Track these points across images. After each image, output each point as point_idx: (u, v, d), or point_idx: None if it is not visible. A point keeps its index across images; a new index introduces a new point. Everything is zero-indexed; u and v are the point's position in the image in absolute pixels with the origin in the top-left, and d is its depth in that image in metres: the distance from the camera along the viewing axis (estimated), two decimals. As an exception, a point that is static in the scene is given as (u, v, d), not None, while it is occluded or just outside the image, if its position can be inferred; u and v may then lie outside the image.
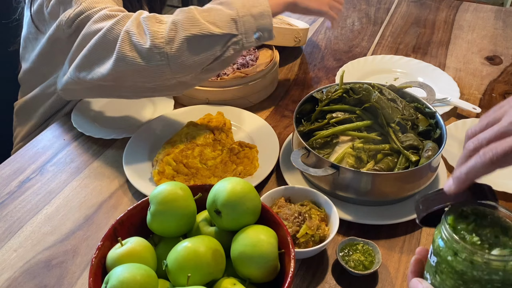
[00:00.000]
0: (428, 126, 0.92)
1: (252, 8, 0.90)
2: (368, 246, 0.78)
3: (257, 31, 0.91)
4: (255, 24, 0.90)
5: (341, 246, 0.78)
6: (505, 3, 2.74)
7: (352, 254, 0.77)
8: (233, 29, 0.89)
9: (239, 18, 0.89)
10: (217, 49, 0.89)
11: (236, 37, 0.89)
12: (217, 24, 0.88)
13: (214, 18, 0.88)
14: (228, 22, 0.89)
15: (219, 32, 0.88)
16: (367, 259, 0.77)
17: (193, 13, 0.88)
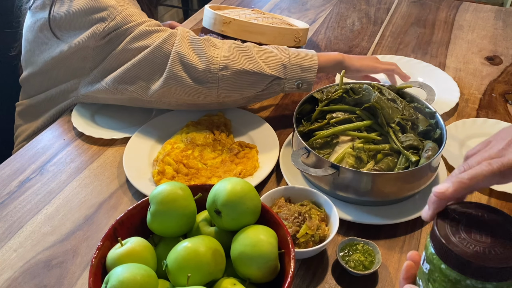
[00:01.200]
0: (428, 126, 0.92)
1: (303, 61, 0.99)
2: (368, 246, 0.78)
3: (299, 81, 0.99)
4: (300, 74, 0.99)
5: (341, 246, 0.78)
6: (505, 3, 2.74)
7: (352, 254, 0.77)
8: (281, 73, 0.98)
9: (289, 66, 0.98)
10: (261, 86, 0.98)
11: (281, 80, 0.98)
12: (269, 65, 0.97)
13: (267, 59, 0.97)
14: (279, 66, 0.98)
15: (269, 73, 0.97)
16: (367, 259, 0.77)
17: (249, 50, 0.97)
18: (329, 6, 1.71)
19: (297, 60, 0.99)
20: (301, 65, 0.99)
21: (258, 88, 0.98)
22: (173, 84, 0.95)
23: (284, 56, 0.98)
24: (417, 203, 0.88)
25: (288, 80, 0.98)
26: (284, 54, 0.99)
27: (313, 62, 0.99)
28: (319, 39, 1.49)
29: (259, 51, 0.98)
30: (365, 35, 1.52)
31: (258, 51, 0.98)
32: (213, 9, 1.35)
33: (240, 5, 1.72)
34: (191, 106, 1.02)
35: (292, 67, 0.98)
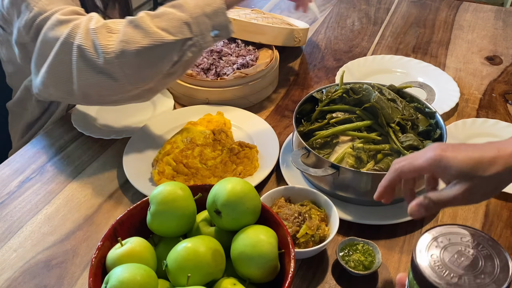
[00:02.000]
0: (428, 126, 0.92)
1: (205, 7, 0.88)
2: (368, 246, 0.78)
3: (214, 30, 0.89)
4: (210, 23, 0.89)
5: (341, 246, 0.78)
6: (505, 3, 2.74)
7: (352, 254, 0.77)
8: (187, 33, 0.87)
9: (193, 20, 0.87)
10: (173, 55, 0.87)
11: (192, 40, 0.88)
12: (170, 31, 0.86)
13: (166, 23, 0.86)
14: (181, 27, 0.87)
15: (172, 39, 0.86)
16: (367, 259, 0.77)
17: (144, 22, 0.86)
18: (329, 6, 1.71)
19: (199, 11, 0.88)
20: (205, 13, 0.88)
21: (171, 58, 0.88)
22: (86, 83, 0.86)
23: (184, 13, 0.87)
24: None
25: (200, 36, 0.88)
26: (184, 10, 0.88)
27: (218, 4, 0.89)
28: (319, 39, 1.49)
29: (156, 18, 0.87)
30: (365, 35, 1.52)
31: (154, 19, 0.87)
32: (213, 9, 1.35)
33: (240, 5, 1.72)
34: (121, 101, 0.93)
35: (197, 20, 0.87)
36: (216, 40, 0.91)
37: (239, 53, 1.24)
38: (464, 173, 0.57)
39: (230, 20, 0.90)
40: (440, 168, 0.59)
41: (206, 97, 1.15)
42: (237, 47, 1.26)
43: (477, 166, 0.56)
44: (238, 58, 1.21)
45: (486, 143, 0.59)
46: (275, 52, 1.26)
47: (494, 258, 0.48)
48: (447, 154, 0.58)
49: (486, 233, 0.51)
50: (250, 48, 1.26)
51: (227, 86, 1.13)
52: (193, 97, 1.16)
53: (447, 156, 0.58)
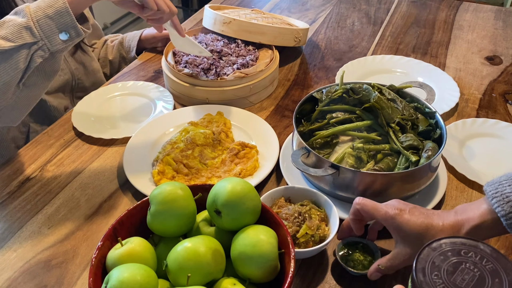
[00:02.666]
0: (428, 126, 0.92)
1: (47, 9, 0.84)
2: (368, 246, 0.78)
3: (61, 31, 0.85)
4: (55, 25, 0.84)
5: (341, 246, 0.78)
6: (505, 3, 2.74)
7: (352, 254, 0.77)
8: (28, 37, 0.83)
9: (34, 24, 0.83)
10: (19, 62, 0.83)
11: (37, 44, 0.84)
12: (8, 38, 0.82)
13: (5, 31, 0.83)
14: (21, 32, 0.83)
15: (12, 46, 0.82)
16: (367, 258, 0.77)
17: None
18: (329, 6, 1.71)
19: (40, 13, 0.83)
20: (47, 15, 0.83)
21: (16, 66, 0.83)
22: None
23: (24, 18, 0.83)
24: (417, 203, 0.87)
25: (47, 39, 0.84)
26: (24, 15, 0.83)
27: (60, 4, 0.84)
28: (319, 39, 1.49)
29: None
30: (365, 35, 1.52)
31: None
32: (213, 9, 1.35)
33: (240, 5, 1.72)
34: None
35: (40, 23, 0.83)
36: (68, 42, 0.87)
37: (239, 53, 1.24)
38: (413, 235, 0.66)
39: (75, 21, 0.86)
40: (394, 226, 0.68)
41: (206, 97, 1.15)
42: (237, 47, 1.26)
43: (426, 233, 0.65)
44: (238, 58, 1.21)
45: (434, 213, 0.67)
46: (275, 52, 1.26)
47: (501, 273, 0.46)
48: (404, 216, 0.67)
49: (487, 244, 0.49)
50: (250, 48, 1.26)
51: (227, 86, 1.13)
52: (193, 97, 1.16)
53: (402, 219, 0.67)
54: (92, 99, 1.19)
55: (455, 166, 0.95)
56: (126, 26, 3.23)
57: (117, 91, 1.23)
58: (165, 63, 1.21)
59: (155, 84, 1.25)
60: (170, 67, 1.19)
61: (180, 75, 1.16)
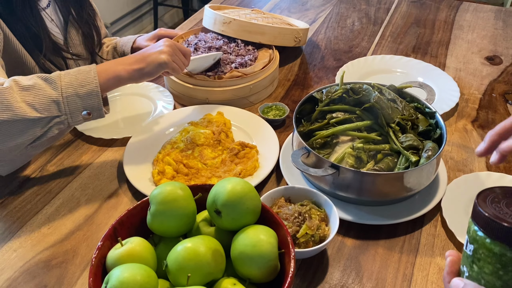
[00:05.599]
0: (428, 126, 0.92)
1: (78, 88, 0.86)
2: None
3: (84, 110, 0.87)
4: (82, 104, 0.87)
5: None
6: (505, 3, 2.74)
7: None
8: (55, 111, 0.85)
9: (63, 100, 0.85)
10: (36, 131, 0.85)
11: (60, 118, 0.86)
12: (36, 107, 0.83)
13: (33, 99, 0.83)
14: (49, 105, 0.84)
15: (37, 117, 0.83)
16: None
17: (9, 94, 0.81)
18: (329, 6, 1.71)
19: (71, 91, 0.85)
20: (77, 94, 0.86)
21: (33, 133, 0.85)
22: None
23: (55, 91, 0.85)
24: (417, 203, 0.88)
25: (69, 115, 0.86)
26: (56, 87, 0.85)
27: (92, 86, 0.87)
28: (319, 39, 1.49)
29: (24, 91, 0.83)
30: (365, 35, 1.52)
31: (22, 92, 0.83)
32: (213, 9, 1.35)
33: (240, 5, 1.72)
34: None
35: (68, 100, 0.85)
36: (87, 120, 0.89)
37: (239, 52, 1.24)
38: None
39: (101, 104, 0.88)
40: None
41: (206, 97, 1.15)
42: (236, 47, 1.26)
43: None
44: (237, 57, 1.21)
45: None
46: (275, 52, 1.26)
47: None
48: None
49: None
50: (250, 48, 1.26)
51: (227, 86, 1.13)
52: (193, 97, 1.16)
53: None
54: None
55: (455, 167, 0.94)
56: (126, 26, 3.23)
57: (117, 91, 1.23)
58: (165, 63, 1.21)
59: (155, 84, 1.25)
60: (170, 67, 1.19)
61: (180, 75, 1.16)
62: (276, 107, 1.13)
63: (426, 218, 0.87)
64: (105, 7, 2.96)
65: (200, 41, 1.26)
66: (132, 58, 0.94)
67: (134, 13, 3.30)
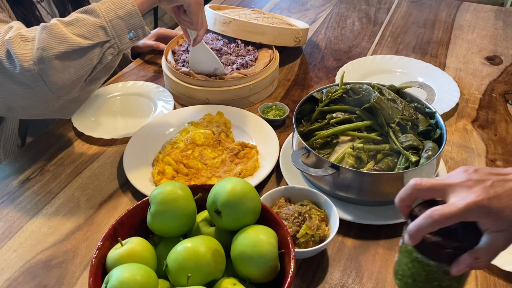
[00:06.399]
0: (428, 126, 0.92)
1: (118, 10, 0.89)
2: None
3: (130, 31, 0.91)
4: (125, 25, 0.90)
5: None
6: (505, 3, 2.74)
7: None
8: (103, 36, 0.88)
9: (107, 24, 0.88)
10: (93, 59, 0.88)
11: (109, 42, 0.89)
12: (86, 36, 0.87)
13: (81, 29, 0.87)
14: (97, 31, 0.88)
15: (90, 44, 0.87)
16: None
17: (58, 29, 0.85)
18: (329, 6, 1.71)
19: (112, 14, 0.89)
20: (119, 16, 0.89)
21: (91, 62, 0.88)
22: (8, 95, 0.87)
23: (97, 18, 0.88)
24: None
25: (117, 38, 0.90)
26: (97, 15, 0.89)
27: (130, 6, 0.90)
28: (319, 39, 1.49)
29: (70, 25, 0.87)
30: (365, 35, 1.52)
31: (69, 26, 0.87)
32: (213, 9, 1.35)
33: (240, 5, 1.72)
34: (47, 114, 0.93)
35: (112, 24, 0.89)
36: (133, 41, 0.92)
37: (239, 52, 1.24)
38: None
39: (143, 22, 0.91)
40: (489, 214, 0.52)
41: (206, 97, 1.15)
42: (237, 47, 1.26)
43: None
44: (237, 58, 1.21)
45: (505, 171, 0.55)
46: (275, 52, 1.26)
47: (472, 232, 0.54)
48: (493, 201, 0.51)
49: None
50: (250, 48, 1.26)
51: (227, 86, 1.14)
52: (193, 97, 1.16)
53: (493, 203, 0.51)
54: (92, 99, 1.19)
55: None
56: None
57: (117, 91, 1.23)
58: (165, 63, 1.21)
59: (155, 84, 1.25)
60: (170, 66, 1.19)
61: (180, 75, 1.16)
62: (276, 107, 1.13)
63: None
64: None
65: (200, 41, 1.26)
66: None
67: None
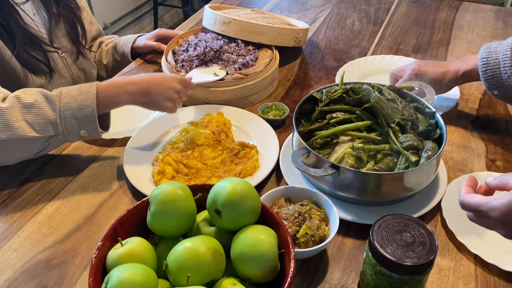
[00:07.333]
0: (428, 126, 0.92)
1: (76, 111, 0.89)
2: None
3: (82, 130, 0.91)
4: (77, 126, 0.90)
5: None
6: (505, 3, 2.74)
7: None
8: (52, 131, 0.89)
9: (61, 121, 0.89)
10: (35, 148, 0.90)
11: (57, 137, 0.91)
12: (34, 127, 0.88)
13: (33, 118, 0.87)
14: (46, 126, 0.88)
15: (35, 136, 0.88)
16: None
17: (10, 113, 0.86)
18: (329, 6, 1.71)
19: (68, 113, 0.89)
20: (75, 117, 0.89)
21: (32, 150, 0.90)
22: None
23: (54, 112, 0.88)
24: (417, 203, 0.88)
25: (66, 134, 0.91)
26: (54, 108, 0.89)
27: (90, 110, 0.89)
28: (319, 39, 1.49)
29: (25, 109, 0.87)
30: (365, 35, 1.52)
31: (23, 110, 0.87)
32: (213, 9, 1.35)
33: (240, 5, 1.72)
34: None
35: (66, 122, 0.89)
36: (85, 139, 0.93)
37: (239, 52, 1.24)
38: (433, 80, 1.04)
39: (97, 126, 0.92)
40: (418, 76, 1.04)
41: (206, 97, 1.15)
42: (237, 47, 1.26)
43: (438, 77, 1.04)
44: (238, 57, 1.21)
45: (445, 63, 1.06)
46: (275, 52, 1.26)
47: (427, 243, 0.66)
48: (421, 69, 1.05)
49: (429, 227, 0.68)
50: (250, 48, 1.26)
51: (227, 86, 1.13)
52: (193, 97, 1.16)
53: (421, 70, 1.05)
54: (92, 99, 1.19)
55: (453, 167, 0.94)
56: (126, 26, 3.23)
57: (117, 91, 1.23)
58: (165, 63, 1.21)
59: (155, 84, 1.25)
60: (170, 66, 1.19)
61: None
62: (276, 107, 1.13)
63: (426, 218, 0.87)
64: (105, 7, 2.96)
65: (200, 41, 1.26)
66: (138, 85, 0.96)
67: (134, 13, 3.30)
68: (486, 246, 0.80)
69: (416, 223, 0.69)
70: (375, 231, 0.67)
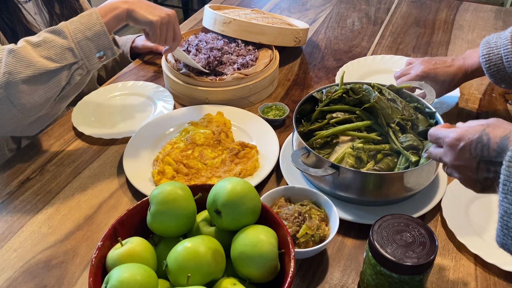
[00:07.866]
0: (428, 126, 0.92)
1: (86, 32, 0.90)
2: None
3: (98, 52, 0.92)
4: (94, 46, 0.91)
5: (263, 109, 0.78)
6: (505, 3, 2.74)
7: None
8: (71, 58, 0.89)
9: (75, 45, 0.89)
10: (61, 81, 0.90)
11: (77, 64, 0.90)
12: (53, 58, 0.88)
13: (48, 52, 0.88)
14: (64, 54, 0.89)
15: (57, 66, 0.88)
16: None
17: (25, 52, 0.87)
18: (329, 6, 1.71)
19: (80, 36, 0.90)
20: (87, 37, 0.90)
21: (59, 84, 0.90)
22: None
23: (65, 39, 0.89)
24: (417, 203, 0.88)
25: (85, 59, 0.91)
26: (65, 36, 0.89)
27: (98, 27, 0.90)
28: (319, 39, 1.49)
29: (38, 47, 0.88)
30: (365, 35, 1.52)
31: (36, 48, 0.88)
32: (213, 9, 1.35)
33: (240, 5, 1.72)
34: (17, 131, 0.96)
35: (81, 45, 0.90)
36: (103, 61, 0.94)
37: (239, 52, 1.24)
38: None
39: (112, 42, 0.92)
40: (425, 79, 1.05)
41: (206, 97, 1.15)
42: (237, 47, 1.26)
43: (447, 79, 1.04)
44: (238, 57, 1.21)
45: (449, 61, 1.06)
46: (275, 52, 1.26)
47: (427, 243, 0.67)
48: (430, 72, 1.05)
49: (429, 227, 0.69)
50: (250, 48, 1.26)
51: (227, 86, 1.13)
52: (193, 97, 1.16)
53: (431, 74, 1.05)
54: (92, 99, 1.19)
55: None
56: (126, 26, 3.23)
57: (117, 91, 1.23)
58: (165, 63, 1.21)
59: (155, 84, 1.25)
60: (170, 66, 1.19)
61: (180, 75, 1.16)
62: (276, 107, 1.13)
63: (426, 218, 0.87)
64: (105, 7, 2.95)
65: (200, 41, 1.26)
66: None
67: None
68: (486, 246, 0.80)
69: (416, 223, 0.69)
70: (375, 231, 0.68)
